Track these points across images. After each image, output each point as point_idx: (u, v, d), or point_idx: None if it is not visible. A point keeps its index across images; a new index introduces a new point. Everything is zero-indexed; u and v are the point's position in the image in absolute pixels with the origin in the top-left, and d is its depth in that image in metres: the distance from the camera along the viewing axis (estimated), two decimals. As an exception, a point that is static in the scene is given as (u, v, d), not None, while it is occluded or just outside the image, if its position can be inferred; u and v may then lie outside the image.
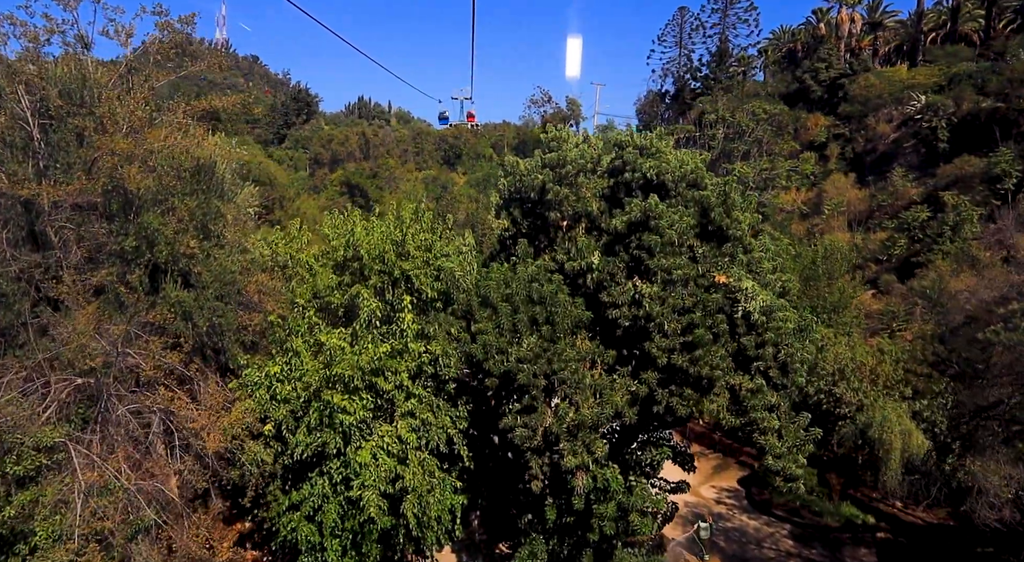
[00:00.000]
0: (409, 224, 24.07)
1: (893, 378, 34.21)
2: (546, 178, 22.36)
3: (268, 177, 50.19)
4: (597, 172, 23.34)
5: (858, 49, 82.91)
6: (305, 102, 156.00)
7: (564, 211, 22.62)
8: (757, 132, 53.31)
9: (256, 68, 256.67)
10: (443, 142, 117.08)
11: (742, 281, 19.49)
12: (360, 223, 24.11)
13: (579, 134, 25.90)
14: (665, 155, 22.32)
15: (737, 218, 20.76)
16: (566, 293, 20.42)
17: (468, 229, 26.73)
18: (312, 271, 23.89)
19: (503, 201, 24.73)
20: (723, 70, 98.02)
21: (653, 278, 19.89)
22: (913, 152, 57.12)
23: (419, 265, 22.92)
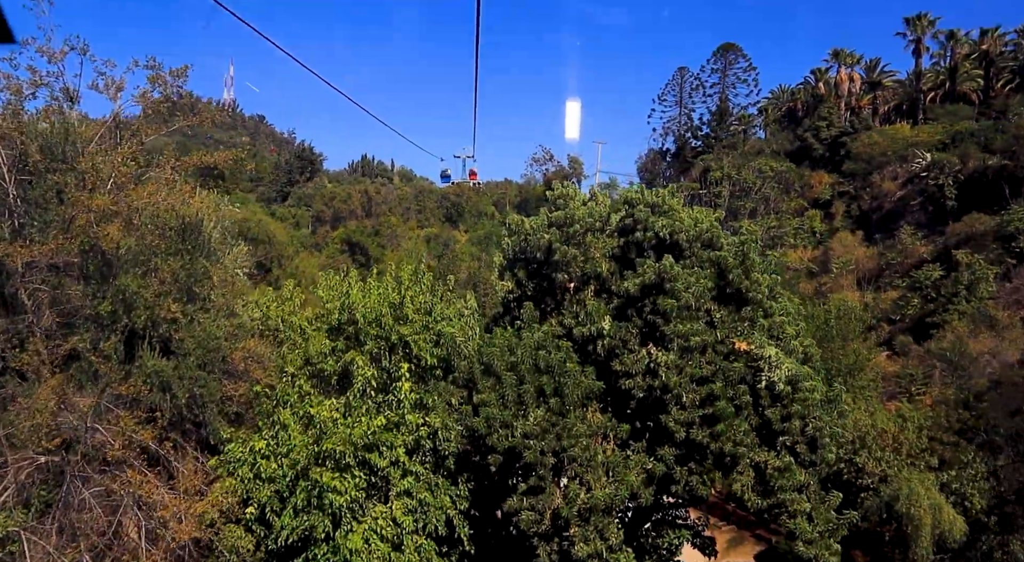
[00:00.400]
0: (408, 286, 22.79)
1: (917, 446, 32.32)
2: (553, 238, 21.13)
3: (267, 235, 49.23)
4: (606, 231, 22.13)
5: (858, 108, 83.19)
6: (308, 160, 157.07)
7: (572, 272, 21.32)
8: (764, 189, 52.50)
9: (262, 127, 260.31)
10: (445, 200, 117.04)
11: (765, 348, 18.04)
12: (356, 284, 22.80)
13: (587, 191, 24.84)
14: (678, 213, 21.17)
15: (757, 280, 19.45)
16: (575, 361, 18.92)
17: (470, 290, 25.40)
18: (305, 335, 22.50)
19: (507, 261, 23.47)
20: (724, 129, 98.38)
21: (669, 345, 18.43)
22: (920, 210, 56.28)
23: (418, 330, 21.52)
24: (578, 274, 21.39)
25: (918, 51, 76.20)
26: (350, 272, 23.24)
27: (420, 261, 23.69)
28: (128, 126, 20.19)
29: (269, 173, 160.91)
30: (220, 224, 21.71)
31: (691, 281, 18.77)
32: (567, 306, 21.55)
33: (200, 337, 17.89)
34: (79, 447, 15.43)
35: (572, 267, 21.22)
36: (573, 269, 21.26)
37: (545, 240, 21.30)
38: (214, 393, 17.88)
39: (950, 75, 73.79)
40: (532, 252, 21.89)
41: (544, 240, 21.32)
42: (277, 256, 49.99)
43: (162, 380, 16.62)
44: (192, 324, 18.12)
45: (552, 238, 21.18)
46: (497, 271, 24.46)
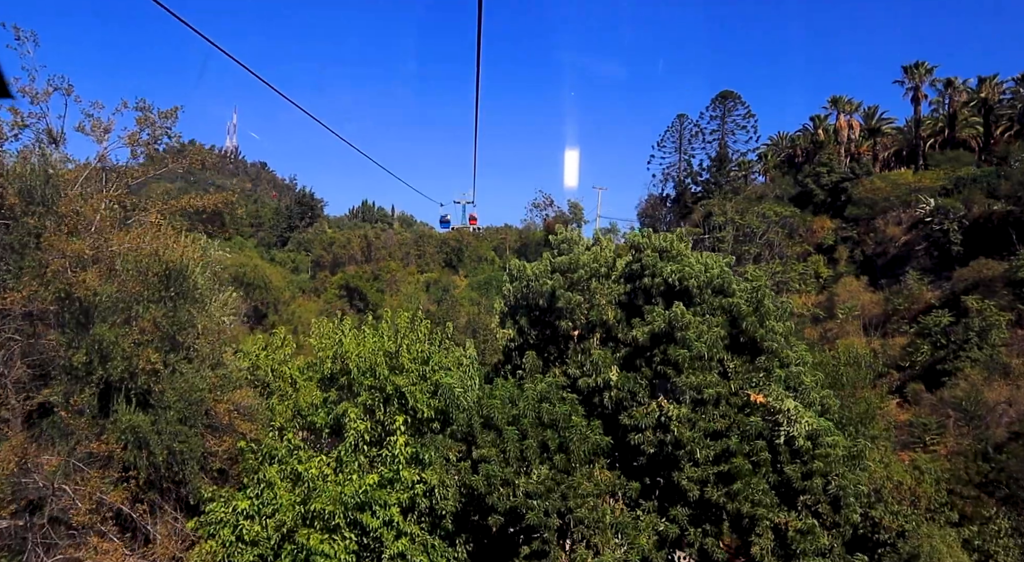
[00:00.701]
0: (404, 334, 21.79)
1: (936, 500, 30.79)
2: (556, 284, 20.18)
3: (263, 280, 48.31)
4: (611, 277, 21.19)
5: (857, 154, 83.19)
6: (309, 206, 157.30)
7: (576, 320, 20.30)
8: (769, 234, 51.68)
9: (263, 174, 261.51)
10: (445, 245, 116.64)
11: (783, 401, 16.91)
12: (350, 332, 21.77)
13: (590, 236, 24.00)
14: (687, 258, 20.27)
15: (772, 328, 18.43)
16: (581, 414, 17.77)
17: (469, 338, 24.35)
18: (295, 386, 21.43)
19: (508, 308, 22.50)
20: (723, 174, 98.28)
21: (681, 398, 17.31)
22: (925, 255, 55.48)
23: (414, 380, 20.42)
24: (583, 322, 20.37)
25: (916, 99, 76.43)
26: (345, 319, 22.22)
27: (417, 308, 22.71)
28: (115, 169, 19.42)
29: (269, 218, 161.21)
30: (209, 269, 20.76)
31: (703, 329, 17.76)
32: (571, 355, 20.48)
33: (182, 389, 16.79)
34: (45, 510, 14.22)
35: (576, 314, 20.23)
36: (577, 316, 20.26)
37: (548, 286, 20.36)
38: (195, 449, 16.69)
39: (949, 122, 73.87)
40: (534, 298, 20.92)
41: (547, 286, 20.37)
42: (273, 301, 48.96)
43: (138, 436, 15.46)
44: (174, 375, 17.03)
45: (555, 284, 20.24)
46: (498, 318, 23.49)
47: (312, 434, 20.47)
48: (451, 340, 23.23)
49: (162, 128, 20.12)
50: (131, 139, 19.86)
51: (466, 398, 19.83)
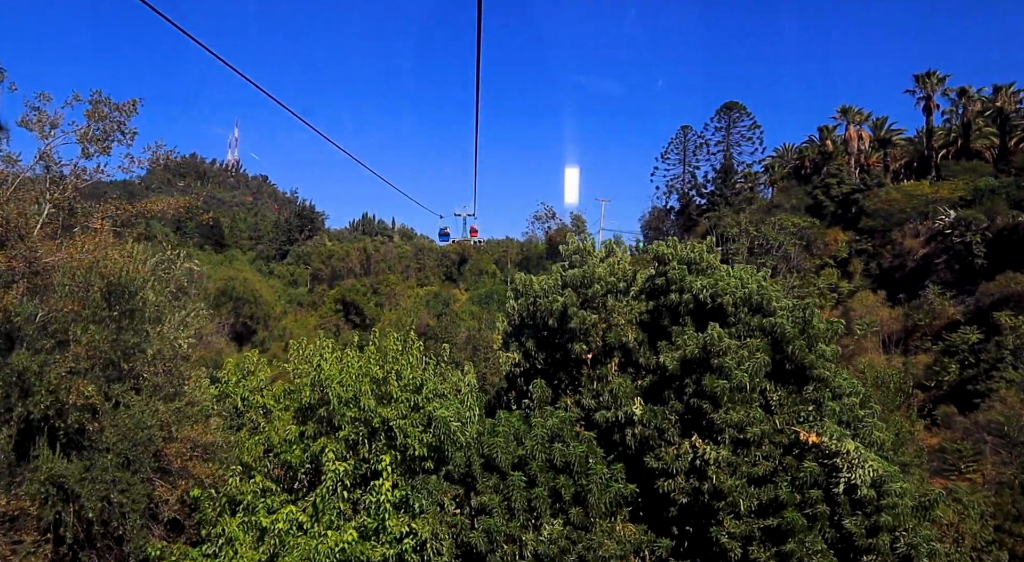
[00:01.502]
0: (394, 357, 18.98)
1: (983, 538, 27.78)
2: (568, 300, 17.35)
3: (252, 295, 45.50)
4: (630, 293, 18.38)
5: (867, 165, 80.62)
6: (309, 218, 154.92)
7: (592, 342, 17.46)
8: (786, 246, 48.79)
9: (265, 187, 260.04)
10: (445, 258, 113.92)
11: (843, 441, 14.03)
12: (331, 355, 18.93)
13: (600, 246, 21.18)
14: (719, 271, 17.48)
15: (822, 352, 15.58)
16: (600, 456, 14.88)
17: (468, 361, 21.50)
18: (269, 417, 18.58)
19: (513, 328, 19.68)
20: (728, 186, 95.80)
21: (719, 437, 14.44)
22: (946, 268, 52.69)
23: (404, 412, 17.56)
24: (598, 344, 17.53)
25: (928, 108, 73.94)
26: (325, 342, 19.36)
27: (410, 328, 19.88)
28: (54, 169, 16.65)
29: (269, 231, 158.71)
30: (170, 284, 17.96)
31: (743, 355, 14.92)
32: (586, 383, 17.63)
33: (125, 427, 13.93)
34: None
35: (592, 336, 17.39)
36: (593, 338, 17.42)
37: (559, 304, 17.54)
38: (139, 499, 13.81)
39: (963, 132, 71.29)
40: (543, 317, 18.09)
41: (557, 304, 17.55)
42: (263, 317, 46.15)
43: (64, 488, 12.61)
44: (117, 410, 14.19)
45: (567, 301, 17.41)
46: (500, 338, 20.69)
47: (287, 473, 17.59)
48: (448, 362, 20.42)
49: (115, 122, 17.27)
50: (82, 135, 17.04)
51: (464, 433, 16.96)
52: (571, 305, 17.30)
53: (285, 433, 17.50)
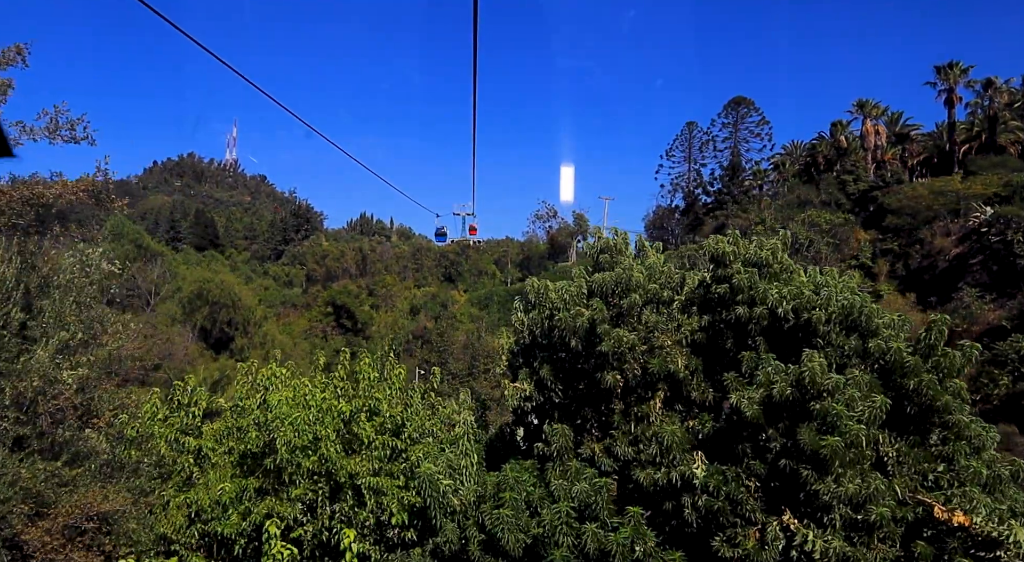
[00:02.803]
0: (368, 386, 14.53)
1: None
2: (597, 315, 12.78)
3: (230, 298, 40.93)
4: (675, 304, 13.83)
5: (883, 161, 76.15)
6: (305, 218, 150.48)
7: (628, 371, 12.90)
8: (818, 245, 44.08)
9: (263, 187, 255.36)
10: (443, 258, 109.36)
11: (1013, 529, 9.47)
12: (284, 385, 14.43)
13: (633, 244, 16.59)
14: (798, 276, 12.97)
15: (958, 389, 11.06)
16: (651, 542, 10.31)
17: (465, 388, 16.91)
18: (206, 466, 14.11)
19: (521, 347, 15.15)
20: (736, 184, 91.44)
21: (826, 517, 9.88)
22: (982, 269, 48.20)
23: (379, 464, 13.07)
24: (637, 373, 12.96)
25: (951, 101, 69.50)
26: (268, 367, 14.76)
27: (389, 346, 15.34)
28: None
29: (264, 231, 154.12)
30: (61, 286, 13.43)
31: (852, 395, 10.36)
32: (619, 423, 13.06)
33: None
34: None
35: (628, 362, 12.82)
36: (629, 365, 12.86)
37: (584, 319, 12.96)
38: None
39: (989, 125, 66.78)
40: (563, 336, 13.50)
41: (582, 320, 12.97)
42: (242, 322, 41.56)
43: None
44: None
45: (596, 315, 12.84)
46: (506, 360, 16.15)
47: (220, 550, 13.03)
48: (441, 386, 15.95)
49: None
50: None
51: (458, 496, 12.44)
52: (601, 321, 12.73)
53: (218, 492, 12.95)
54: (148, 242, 49.91)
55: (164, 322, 40.00)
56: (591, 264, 15.35)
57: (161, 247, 58.31)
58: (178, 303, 41.78)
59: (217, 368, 38.32)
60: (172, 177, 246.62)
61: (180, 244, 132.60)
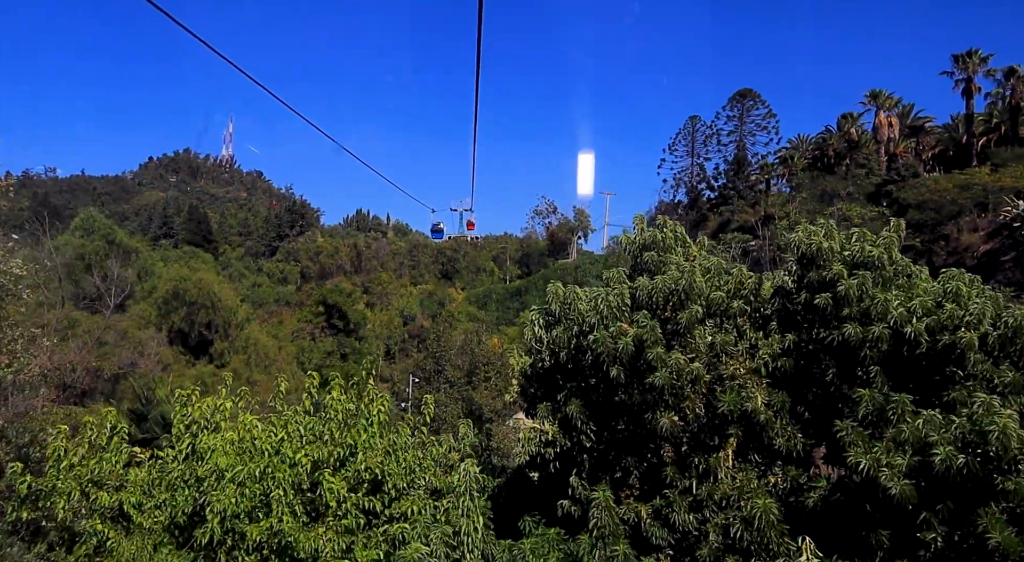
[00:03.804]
0: (339, 424, 11.03)
1: None
2: (646, 334, 9.22)
3: (209, 298, 37.30)
4: (746, 314, 10.29)
5: (895, 154, 72.62)
6: (300, 214, 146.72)
7: (689, 409, 9.37)
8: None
9: (259, 183, 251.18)
10: (441, 255, 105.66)
11: None
12: (231, 421, 10.94)
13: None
14: (920, 280, 9.49)
15: None
16: None
17: (465, 422, 13.33)
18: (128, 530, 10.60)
19: (538, 372, 11.58)
20: (742, 179, 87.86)
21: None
22: (1015, 267, 44.76)
23: (349, 537, 9.57)
24: (700, 413, 9.44)
25: (968, 91, 65.85)
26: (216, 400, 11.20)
27: (370, 365, 11.80)
28: None
29: (259, 227, 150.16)
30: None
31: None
32: (676, 481, 9.53)
33: None
34: None
35: (689, 397, 9.30)
36: (691, 402, 9.33)
37: (628, 340, 9.39)
38: None
39: (1011, 116, 63.20)
40: (598, 360, 9.93)
41: (626, 340, 9.40)
42: (222, 324, 37.94)
43: None
44: None
45: (644, 334, 9.28)
46: (518, 385, 12.61)
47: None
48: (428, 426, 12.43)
49: None
50: None
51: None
52: (652, 343, 9.18)
53: (132, 577, 9.43)
54: (121, 237, 46.44)
55: (136, 325, 36.40)
56: (627, 264, 11.84)
57: (136, 243, 54.70)
58: (152, 304, 38.13)
59: (194, 376, 34.73)
60: (168, 173, 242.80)
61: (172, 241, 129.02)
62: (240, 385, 19.19)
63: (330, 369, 23.14)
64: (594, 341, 9.69)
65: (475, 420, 31.54)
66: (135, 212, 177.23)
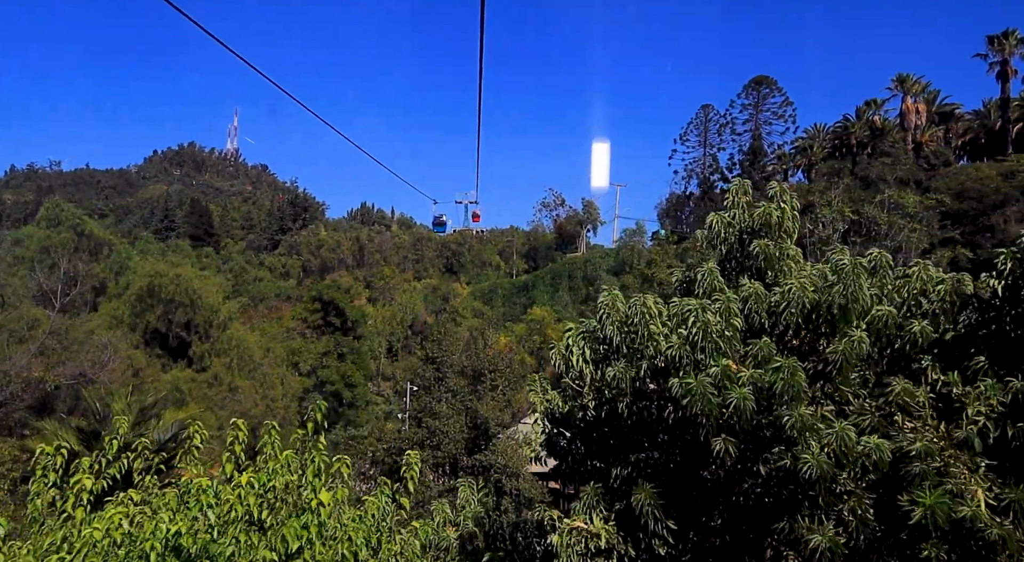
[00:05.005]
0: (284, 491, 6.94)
1: None
2: (776, 383, 5.08)
3: (187, 295, 33.34)
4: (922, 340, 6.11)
5: (921, 143, 68.18)
6: (303, 207, 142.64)
7: (853, 515, 5.23)
8: (906, 234, 35.94)
9: (264, 176, 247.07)
10: (445, 248, 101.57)
11: None
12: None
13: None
14: None
15: None
16: None
17: (466, 484, 9.25)
18: None
19: (578, 427, 7.45)
20: (757, 169, 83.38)
21: None
22: (1069, 261, 40.48)
23: None
24: (870, 518, 5.29)
25: (1004, 74, 61.48)
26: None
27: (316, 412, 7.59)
28: None
29: (261, 220, 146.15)
30: None
31: None
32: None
33: None
34: None
35: (856, 495, 5.16)
36: (856, 504, 5.20)
37: (743, 392, 5.28)
38: None
39: (1053, 99, 58.87)
40: (685, 419, 5.82)
41: (740, 392, 5.28)
42: (202, 324, 33.98)
43: None
44: None
45: (775, 381, 5.16)
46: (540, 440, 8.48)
47: None
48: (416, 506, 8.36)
49: None
50: None
51: None
52: (793, 398, 5.10)
53: None
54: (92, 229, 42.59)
55: (105, 325, 32.47)
56: (710, 257, 7.77)
57: (109, 235, 50.77)
58: (125, 302, 34.17)
59: (169, 382, 30.71)
60: (172, 166, 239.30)
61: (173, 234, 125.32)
62: (221, 392, 15.24)
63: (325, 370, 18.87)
64: (683, 390, 5.58)
65: (480, 434, 27.54)
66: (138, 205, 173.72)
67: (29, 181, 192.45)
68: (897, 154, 64.22)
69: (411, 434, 28.20)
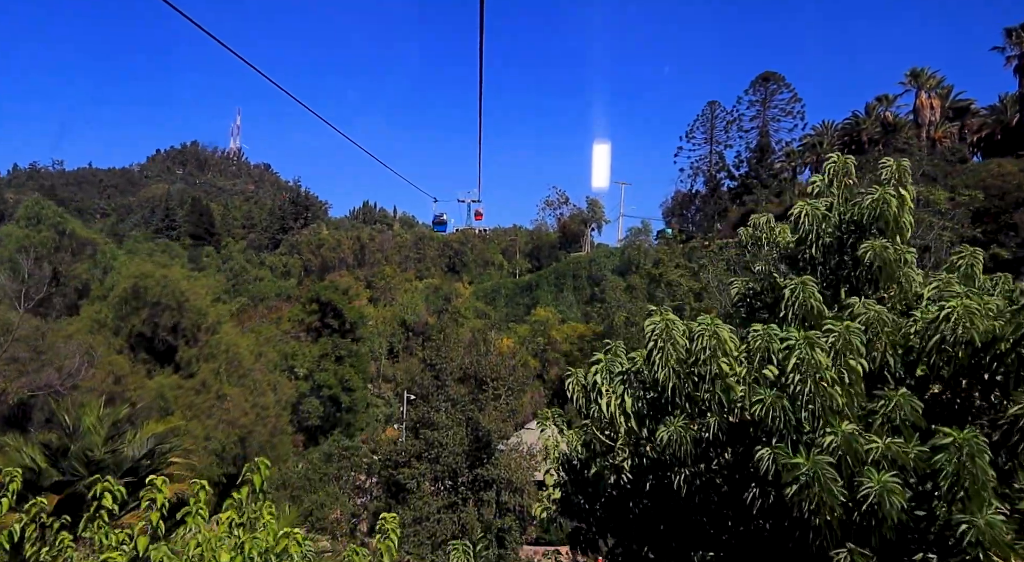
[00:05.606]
0: None
1: None
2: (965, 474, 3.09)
3: (174, 297, 31.44)
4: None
5: (935, 139, 66.07)
6: (304, 206, 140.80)
7: None
8: (936, 233, 33.78)
9: (267, 176, 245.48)
10: (447, 248, 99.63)
11: None
12: None
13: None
14: None
15: None
16: None
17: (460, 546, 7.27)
18: None
19: (605, 508, 5.45)
20: (765, 167, 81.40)
21: None
22: (1100, 261, 38.47)
23: None
24: None
25: (1021, 68, 59.35)
26: None
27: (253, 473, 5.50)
28: None
29: (263, 220, 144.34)
30: None
31: None
32: None
33: None
34: None
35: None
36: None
37: (889, 480, 3.28)
38: None
39: (1076, 94, 56.67)
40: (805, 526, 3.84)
41: (878, 479, 3.29)
42: (190, 328, 32.08)
43: None
44: None
45: (941, 464, 3.16)
46: (553, 501, 6.50)
47: None
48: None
49: None
50: None
51: None
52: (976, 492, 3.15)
53: None
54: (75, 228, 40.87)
55: (86, 328, 30.59)
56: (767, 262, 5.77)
57: (94, 234, 49.06)
58: (109, 304, 32.27)
59: (153, 389, 28.80)
60: (175, 166, 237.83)
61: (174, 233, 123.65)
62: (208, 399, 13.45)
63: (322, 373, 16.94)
64: (784, 471, 3.58)
65: (481, 447, 25.59)
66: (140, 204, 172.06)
67: (31, 180, 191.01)
68: (911, 150, 62.06)
69: (408, 445, 26.32)
